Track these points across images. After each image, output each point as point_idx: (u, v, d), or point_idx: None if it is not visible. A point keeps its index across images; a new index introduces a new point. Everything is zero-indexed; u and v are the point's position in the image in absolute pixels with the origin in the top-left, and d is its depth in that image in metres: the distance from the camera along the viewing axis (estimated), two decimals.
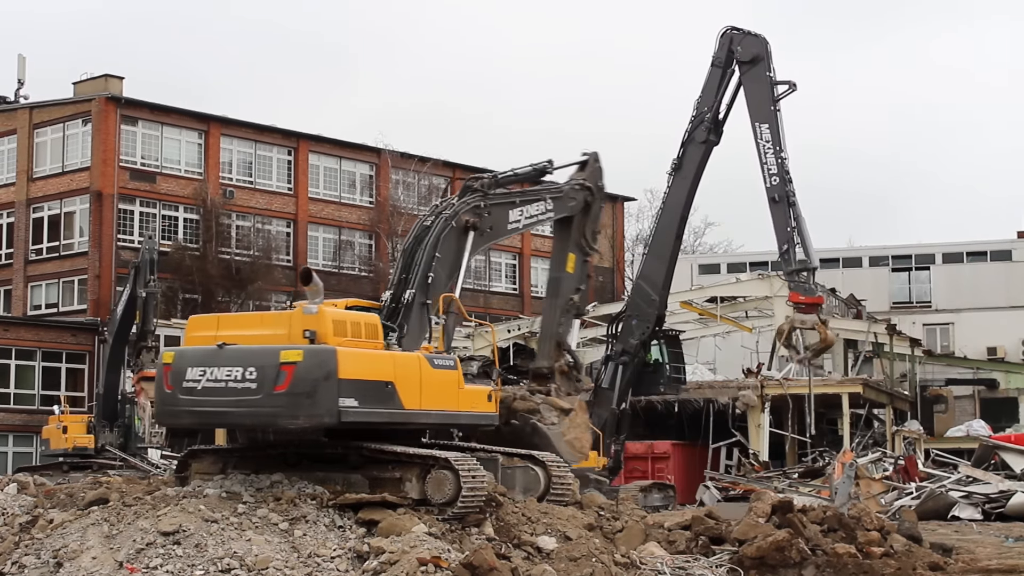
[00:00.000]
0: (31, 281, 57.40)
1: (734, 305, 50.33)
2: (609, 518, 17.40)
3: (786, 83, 28.74)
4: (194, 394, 16.32)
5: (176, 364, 16.57)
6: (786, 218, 28.10)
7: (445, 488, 16.00)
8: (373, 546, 14.64)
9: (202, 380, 16.25)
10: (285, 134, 61.63)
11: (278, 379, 15.76)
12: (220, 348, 16.33)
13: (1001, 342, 57.80)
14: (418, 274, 19.45)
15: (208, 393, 16.23)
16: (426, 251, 19.73)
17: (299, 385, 15.70)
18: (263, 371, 15.88)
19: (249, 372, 15.96)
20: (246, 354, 16.16)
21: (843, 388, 41.79)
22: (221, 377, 16.13)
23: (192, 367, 16.39)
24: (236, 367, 16.06)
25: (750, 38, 29.24)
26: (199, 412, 16.54)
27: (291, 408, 15.83)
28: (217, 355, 16.29)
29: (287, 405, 15.81)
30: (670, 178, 30.56)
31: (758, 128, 28.26)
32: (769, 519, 17.07)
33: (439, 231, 20.02)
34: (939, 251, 68.93)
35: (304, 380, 15.69)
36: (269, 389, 15.82)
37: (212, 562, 14.08)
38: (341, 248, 62.77)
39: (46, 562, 14.61)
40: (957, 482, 31.87)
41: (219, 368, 16.18)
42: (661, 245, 30.95)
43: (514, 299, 68.97)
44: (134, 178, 56.28)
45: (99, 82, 57.33)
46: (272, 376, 15.80)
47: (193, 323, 17.54)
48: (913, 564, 16.45)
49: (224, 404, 16.16)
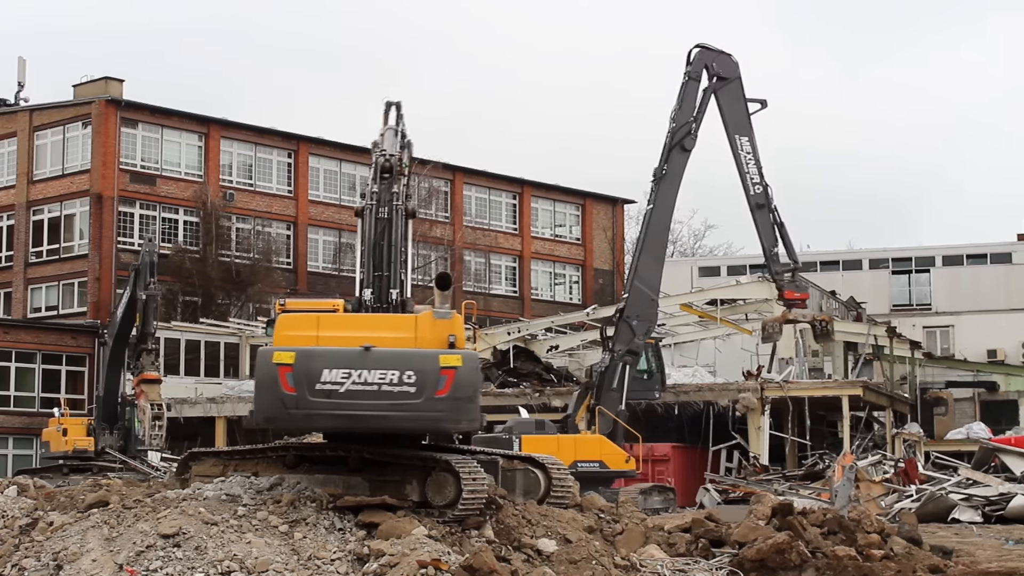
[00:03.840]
0: (31, 284, 57.42)
1: (734, 307, 50.40)
2: (609, 521, 17.40)
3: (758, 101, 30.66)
4: (335, 396, 15.89)
5: (303, 364, 15.93)
6: (770, 222, 29.87)
7: (445, 491, 15.99)
8: (373, 548, 14.64)
9: (346, 383, 15.89)
10: (285, 136, 61.66)
11: (439, 383, 15.80)
12: (366, 350, 15.96)
13: (1001, 345, 57.78)
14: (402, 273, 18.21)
15: (355, 396, 15.90)
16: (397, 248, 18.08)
17: (460, 390, 15.88)
18: (423, 375, 15.82)
19: (407, 376, 15.85)
20: (400, 357, 16.00)
21: (843, 391, 41.77)
22: (372, 380, 15.88)
23: (330, 368, 15.93)
24: (390, 370, 15.88)
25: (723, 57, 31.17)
26: (343, 416, 16.07)
27: (454, 412, 15.95)
28: (364, 357, 15.94)
29: (450, 409, 15.89)
30: (656, 185, 32.43)
31: (738, 140, 30.33)
32: (769, 522, 17.06)
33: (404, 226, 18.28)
34: (939, 254, 68.96)
35: (465, 385, 15.93)
36: (430, 393, 15.79)
37: (212, 564, 14.08)
38: (341, 250, 62.78)
39: (46, 564, 14.60)
40: (957, 485, 31.84)
41: (368, 371, 15.90)
42: (657, 247, 33.03)
43: (514, 302, 68.96)
44: (134, 181, 56.31)
45: (99, 84, 57.37)
46: (433, 380, 15.80)
47: (286, 322, 16.68)
48: (913, 567, 16.45)
49: (377, 408, 15.90)
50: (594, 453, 31.38)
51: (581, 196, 71.38)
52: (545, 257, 71.35)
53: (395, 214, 18.14)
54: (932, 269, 66.11)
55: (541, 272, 71.36)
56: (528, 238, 70.02)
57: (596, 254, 71.86)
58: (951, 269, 65.96)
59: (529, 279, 69.95)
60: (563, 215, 72.42)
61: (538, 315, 62.39)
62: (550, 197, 70.90)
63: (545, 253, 71.27)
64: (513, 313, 66.00)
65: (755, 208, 29.77)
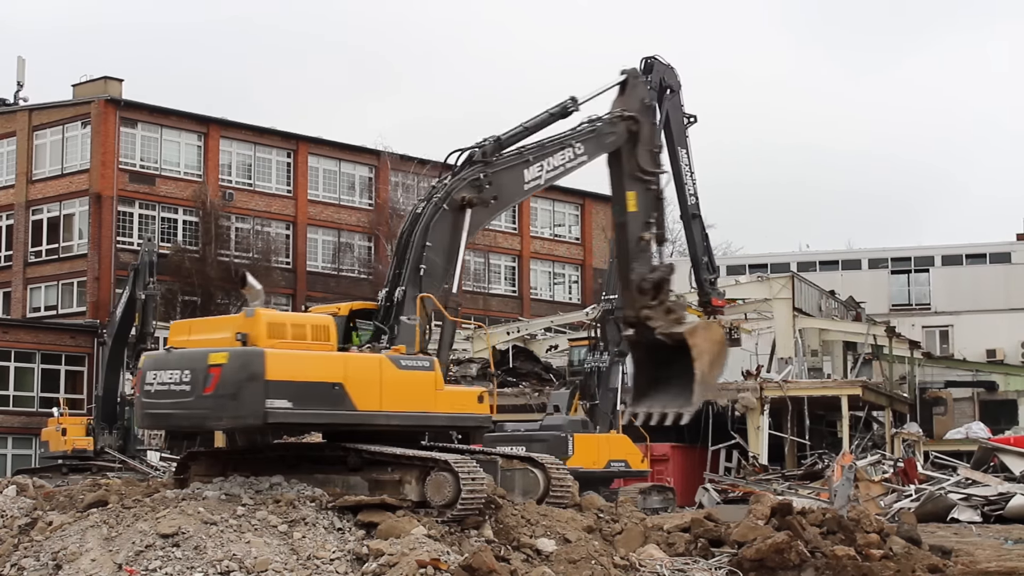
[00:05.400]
0: (30, 283, 57.42)
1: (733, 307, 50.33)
2: (608, 520, 17.39)
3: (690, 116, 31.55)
4: (149, 396, 16.84)
5: (143, 368, 17.16)
6: (703, 232, 30.69)
7: (444, 490, 15.97)
8: (372, 548, 14.64)
9: (154, 383, 16.74)
10: (284, 136, 61.66)
11: (206, 381, 16.08)
12: (168, 352, 16.85)
13: (1000, 344, 57.78)
14: (408, 268, 18.29)
15: (158, 396, 16.71)
16: (415, 241, 18.32)
17: (224, 387, 15.99)
18: (195, 374, 16.24)
19: (185, 375, 16.37)
20: (184, 357, 16.58)
21: (842, 390, 41.77)
22: (166, 380, 16.59)
23: (149, 371, 16.92)
24: (177, 370, 16.50)
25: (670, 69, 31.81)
26: (152, 415, 17.15)
27: (216, 409, 16.19)
28: (166, 359, 16.80)
29: (213, 407, 16.17)
30: None
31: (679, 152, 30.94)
32: (768, 521, 17.06)
33: (428, 217, 18.44)
34: (938, 253, 68.98)
35: (229, 382, 15.97)
36: (199, 391, 16.16)
37: (211, 564, 14.07)
38: (340, 250, 62.79)
39: (45, 564, 14.60)
40: (956, 484, 31.84)
41: (165, 371, 16.64)
42: None
43: (513, 301, 68.96)
44: (133, 180, 56.31)
45: (98, 84, 57.37)
46: (202, 378, 16.13)
47: (174, 328, 17.78)
48: (912, 566, 16.45)
49: (168, 407, 16.63)
50: (621, 452, 32.24)
51: (580, 196, 71.37)
52: (544, 257, 71.37)
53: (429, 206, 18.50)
54: (931, 269, 66.11)
55: (540, 272, 71.38)
56: (528, 238, 70.03)
57: (595, 254, 71.84)
58: (950, 269, 65.96)
59: (528, 279, 69.96)
60: (562, 215, 72.45)
61: (537, 315, 62.43)
62: (549, 197, 70.88)
63: (544, 253, 71.29)
64: (512, 313, 66.02)
65: (691, 218, 30.75)
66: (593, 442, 31.53)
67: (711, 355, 20.20)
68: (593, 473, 31.00)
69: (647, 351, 20.52)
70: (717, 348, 20.51)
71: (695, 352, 19.79)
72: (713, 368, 20.36)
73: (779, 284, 46.17)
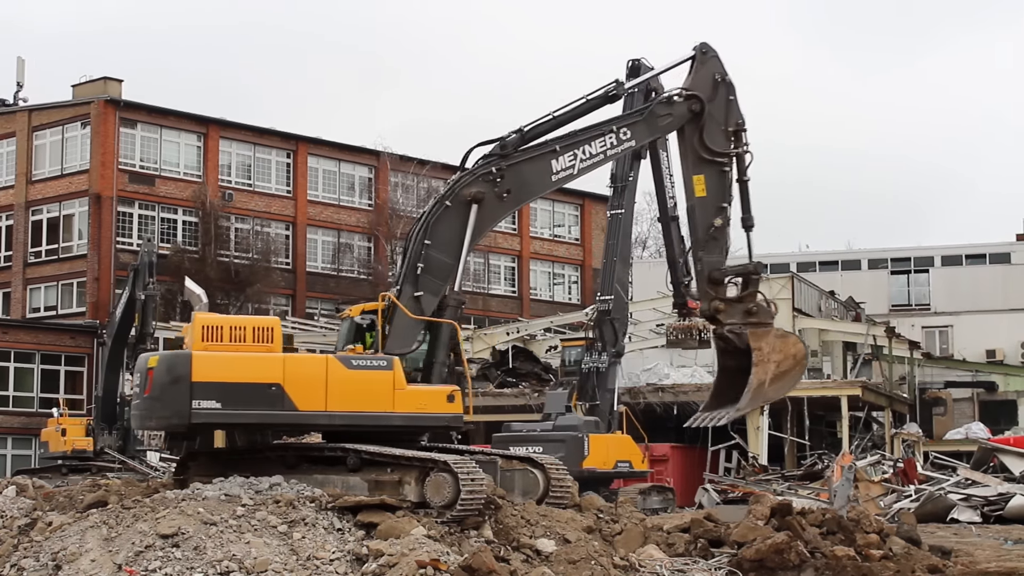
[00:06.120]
0: (30, 284, 57.40)
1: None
2: (608, 521, 17.39)
3: None
4: (135, 399, 17.99)
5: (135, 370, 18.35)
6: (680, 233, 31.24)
7: (444, 491, 15.98)
8: (372, 548, 14.64)
9: (135, 386, 17.99)
10: (284, 137, 61.63)
11: (145, 384, 17.08)
12: None
13: (1000, 345, 57.76)
14: (407, 266, 18.10)
15: (134, 397, 18.12)
16: (415, 238, 18.09)
17: (155, 389, 16.87)
18: (141, 377, 17.35)
19: (137, 378, 17.69)
20: (140, 362, 17.67)
21: (842, 391, 41.77)
22: (135, 384, 17.89)
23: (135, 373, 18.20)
24: (138, 374, 17.66)
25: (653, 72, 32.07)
26: (131, 416, 18.92)
27: (148, 411, 17.20)
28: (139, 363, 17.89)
29: (147, 408, 17.17)
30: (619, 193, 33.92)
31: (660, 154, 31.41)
32: (768, 522, 17.06)
33: (428, 214, 18.18)
34: (938, 254, 68.93)
35: (158, 384, 16.82)
36: (142, 394, 17.25)
37: (211, 564, 14.08)
38: (340, 251, 62.77)
39: (45, 564, 14.60)
40: (956, 485, 31.82)
41: (135, 375, 17.99)
42: (627, 250, 35.08)
43: (513, 301, 68.96)
44: (133, 181, 56.29)
45: (98, 84, 57.36)
46: (144, 382, 17.16)
47: None
48: (912, 567, 16.45)
49: (134, 408, 17.97)
50: (625, 453, 32.58)
51: (580, 196, 71.34)
52: (544, 257, 71.36)
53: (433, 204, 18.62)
54: (931, 269, 66.06)
55: (540, 272, 71.37)
56: (527, 238, 70.03)
57: (595, 254, 71.68)
58: (950, 269, 65.92)
59: (528, 279, 69.95)
60: (562, 215, 72.44)
61: (537, 315, 62.40)
62: (549, 197, 70.81)
63: (544, 253, 71.27)
64: (512, 313, 66.00)
65: (670, 220, 31.20)
66: (604, 442, 31.84)
67: (777, 366, 19.16)
68: (606, 473, 31.39)
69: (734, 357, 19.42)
70: (789, 364, 19.37)
71: (756, 357, 18.89)
72: (776, 381, 19.30)
73: (779, 284, 46.09)
